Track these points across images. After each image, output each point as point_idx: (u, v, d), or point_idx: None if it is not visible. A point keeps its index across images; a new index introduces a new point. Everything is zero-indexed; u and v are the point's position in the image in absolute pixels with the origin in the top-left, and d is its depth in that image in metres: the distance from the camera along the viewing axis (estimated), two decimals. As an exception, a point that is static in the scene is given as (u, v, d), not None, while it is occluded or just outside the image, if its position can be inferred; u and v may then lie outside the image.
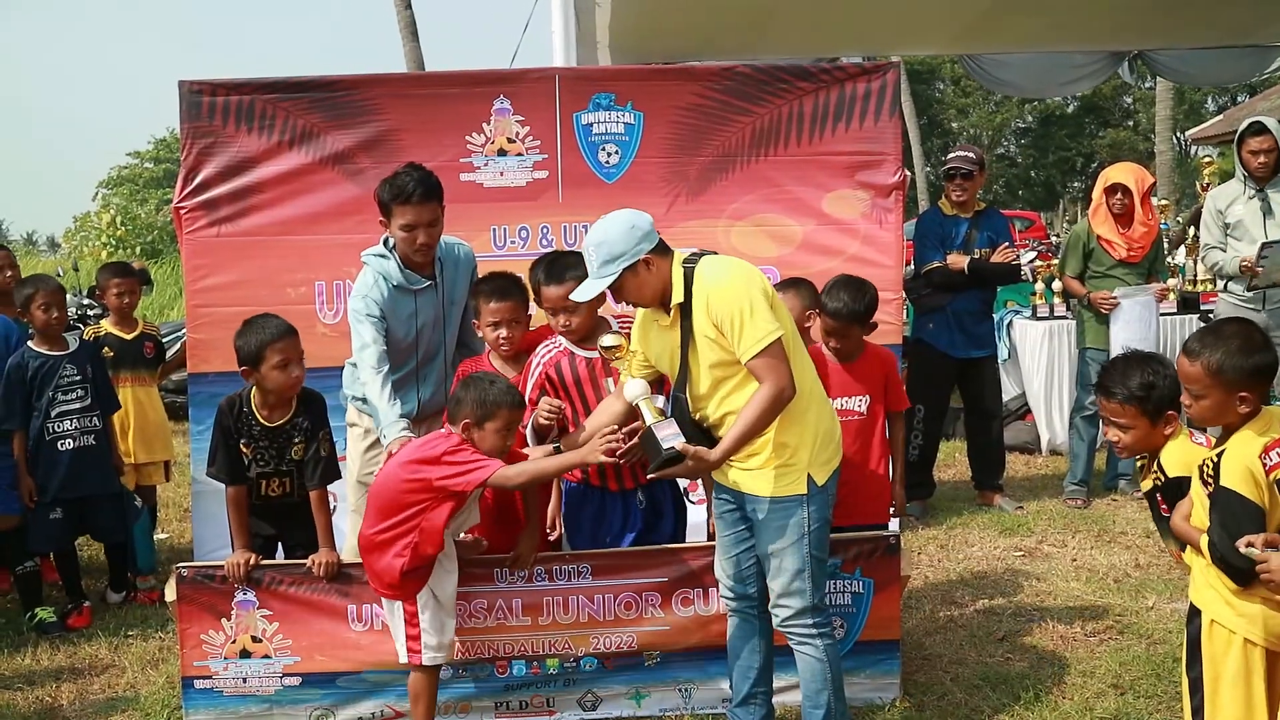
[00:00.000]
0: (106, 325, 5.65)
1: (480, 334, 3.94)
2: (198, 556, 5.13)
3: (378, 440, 3.96)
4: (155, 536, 6.15)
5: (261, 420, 3.89)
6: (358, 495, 4.19)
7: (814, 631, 3.25)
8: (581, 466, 3.46)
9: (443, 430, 3.48)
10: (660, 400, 3.29)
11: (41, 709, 4.02)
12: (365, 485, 4.14)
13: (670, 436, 3.14)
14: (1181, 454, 2.92)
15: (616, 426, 3.30)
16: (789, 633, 3.29)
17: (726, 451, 3.16)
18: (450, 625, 3.51)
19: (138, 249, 22.27)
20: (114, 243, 22.48)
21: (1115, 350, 5.89)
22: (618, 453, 3.28)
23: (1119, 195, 6.26)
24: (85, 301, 9.15)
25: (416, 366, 4.14)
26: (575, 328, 3.69)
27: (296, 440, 3.93)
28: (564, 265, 3.73)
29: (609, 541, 3.81)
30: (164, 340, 6.25)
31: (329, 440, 3.98)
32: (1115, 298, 6.21)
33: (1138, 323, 6.18)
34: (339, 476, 4.06)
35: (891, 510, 4.15)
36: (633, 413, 3.37)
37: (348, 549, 4.16)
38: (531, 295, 4.05)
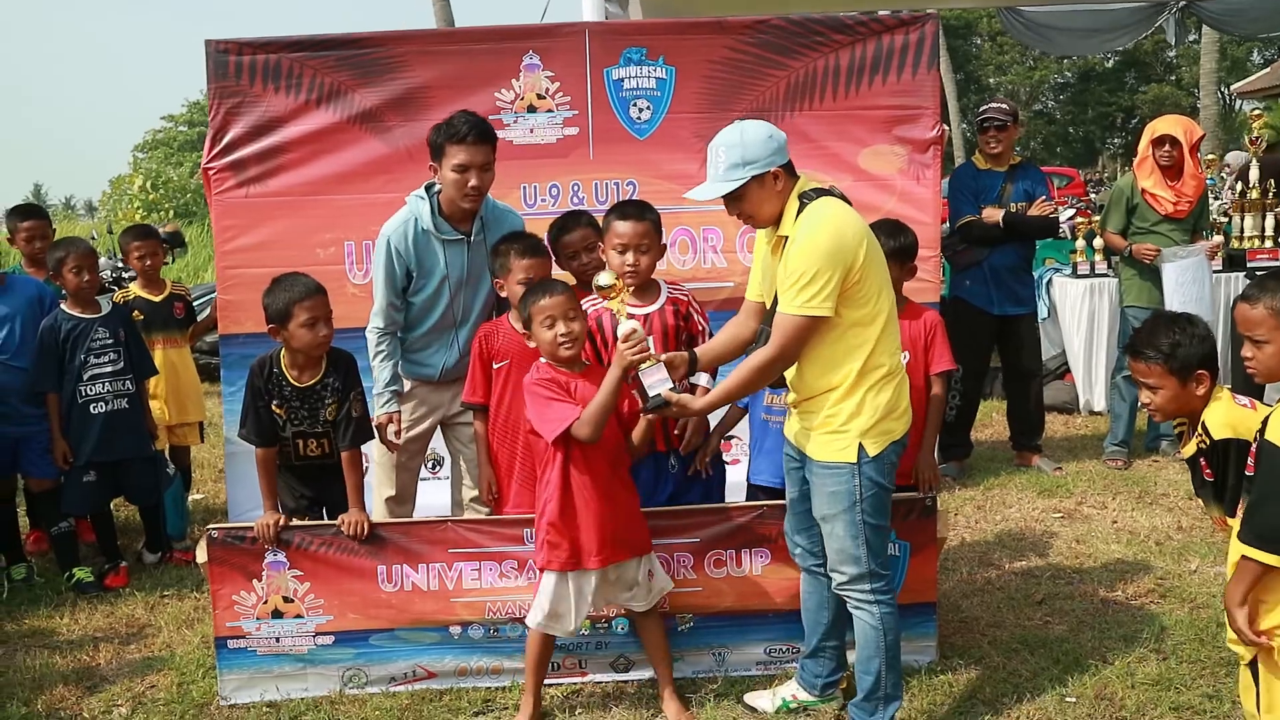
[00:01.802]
0: (135, 289, 5.65)
1: (504, 292, 3.88)
2: (232, 517, 5.15)
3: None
4: (191, 497, 6.20)
5: (292, 381, 3.87)
6: (383, 452, 4.17)
7: (871, 597, 3.18)
8: (623, 374, 3.27)
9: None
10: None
11: (79, 668, 4.05)
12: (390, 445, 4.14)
13: (657, 384, 3.17)
14: (1226, 415, 2.82)
15: (636, 329, 3.22)
16: (846, 597, 3.24)
17: (710, 404, 3.19)
18: (574, 616, 3.43)
19: (171, 212, 22.40)
20: (147, 206, 22.62)
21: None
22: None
23: (1167, 147, 6.09)
24: (120, 265, 9.18)
25: (445, 325, 4.09)
26: (642, 269, 3.69)
27: (329, 401, 3.89)
28: (638, 204, 3.82)
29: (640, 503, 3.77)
30: (196, 302, 6.25)
31: (361, 400, 3.95)
32: (1156, 248, 6.06)
33: (1192, 284, 6.02)
34: (371, 437, 4.04)
35: (912, 481, 3.90)
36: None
37: (376, 509, 4.16)
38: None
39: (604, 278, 3.29)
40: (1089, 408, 7.63)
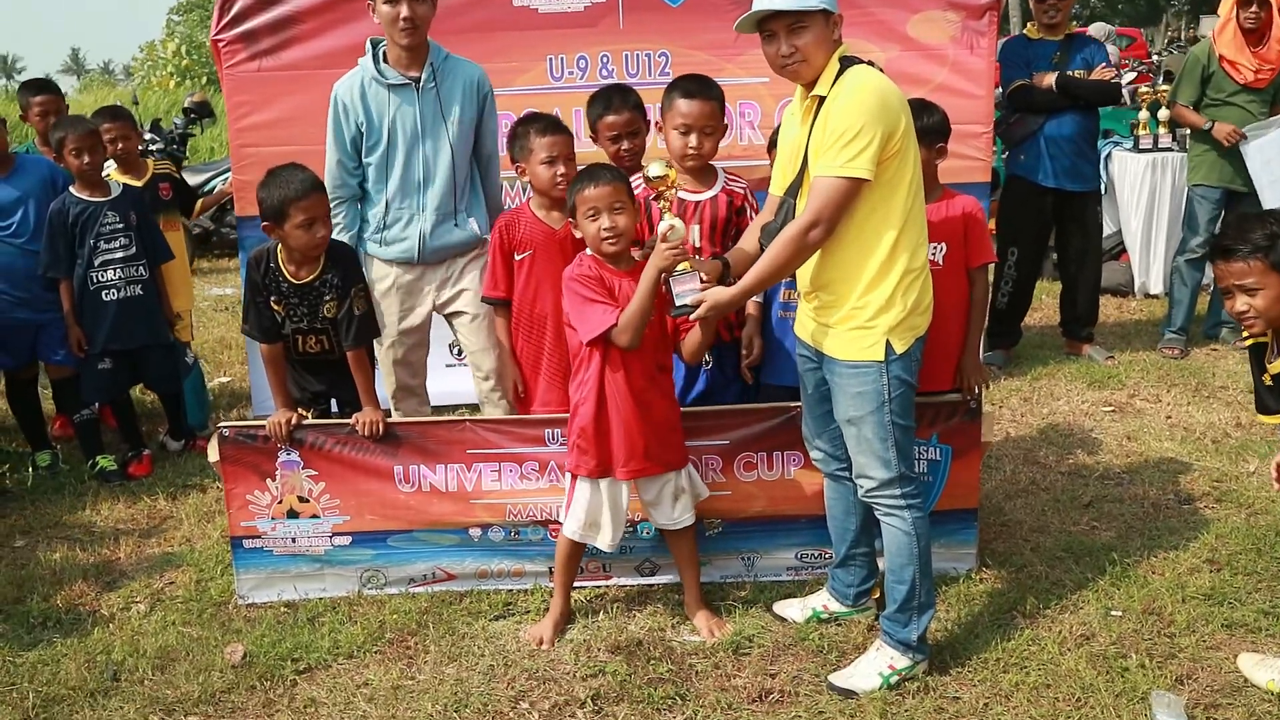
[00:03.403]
0: (114, 174, 5.09)
1: (526, 177, 3.65)
2: (256, 404, 5.10)
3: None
4: (217, 380, 6.13)
5: (289, 277, 3.67)
6: (382, 349, 4.02)
7: (902, 502, 3.02)
8: (658, 275, 3.05)
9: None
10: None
11: (99, 562, 4.01)
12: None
13: (686, 293, 2.98)
14: None
15: (675, 226, 2.99)
16: (874, 504, 3.07)
17: (743, 291, 2.97)
18: (610, 527, 3.31)
19: (205, 79, 22.01)
20: (180, 73, 22.25)
21: (1264, 198, 5.42)
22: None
23: (1254, 8, 5.60)
24: (148, 137, 8.93)
25: (408, 185, 3.86)
26: (705, 152, 3.50)
27: (328, 298, 3.69)
28: (703, 80, 3.58)
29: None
30: (219, 179, 5.98)
31: (364, 297, 3.75)
32: (1242, 132, 5.63)
33: (1279, 159, 5.61)
34: (377, 334, 3.87)
35: (956, 384, 3.62)
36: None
37: (393, 408, 4.02)
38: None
39: (656, 168, 3.02)
40: (1144, 290, 7.31)
